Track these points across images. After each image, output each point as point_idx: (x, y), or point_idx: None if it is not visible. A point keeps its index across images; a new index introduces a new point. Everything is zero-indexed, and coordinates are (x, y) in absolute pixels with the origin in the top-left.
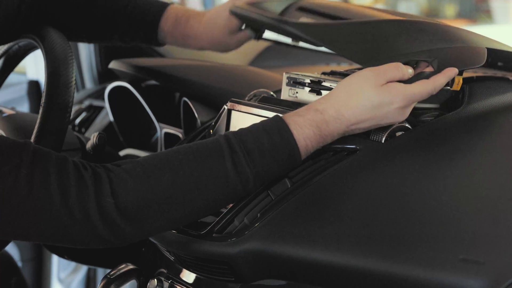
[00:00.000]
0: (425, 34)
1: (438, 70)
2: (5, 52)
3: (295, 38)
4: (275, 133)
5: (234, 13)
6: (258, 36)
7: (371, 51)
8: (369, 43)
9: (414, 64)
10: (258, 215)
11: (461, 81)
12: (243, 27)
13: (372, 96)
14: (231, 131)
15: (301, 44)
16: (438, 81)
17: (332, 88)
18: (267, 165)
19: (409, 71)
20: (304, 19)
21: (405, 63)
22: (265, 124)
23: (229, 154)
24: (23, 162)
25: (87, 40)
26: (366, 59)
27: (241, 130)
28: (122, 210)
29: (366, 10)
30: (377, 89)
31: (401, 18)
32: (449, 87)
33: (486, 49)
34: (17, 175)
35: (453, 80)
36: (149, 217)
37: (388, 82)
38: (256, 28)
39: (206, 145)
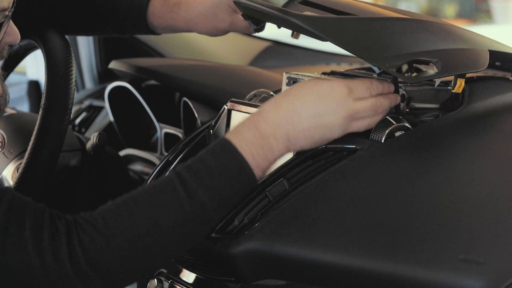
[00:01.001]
0: (429, 34)
1: (441, 72)
2: None
3: (300, 31)
4: (218, 151)
5: (237, 2)
6: (257, 30)
7: (376, 48)
8: (375, 40)
9: (417, 63)
10: (259, 215)
11: (463, 83)
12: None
13: (311, 84)
14: (181, 165)
15: (301, 44)
16: (379, 100)
17: None
18: (219, 184)
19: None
20: (308, 13)
21: (408, 62)
22: (209, 147)
23: (179, 182)
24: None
25: (84, 33)
26: (372, 56)
27: (189, 160)
28: (93, 266)
29: (370, 7)
30: (318, 80)
31: (406, 16)
32: (450, 87)
33: (488, 53)
34: None
35: (455, 82)
36: (120, 268)
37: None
38: (257, 21)
39: (158, 182)
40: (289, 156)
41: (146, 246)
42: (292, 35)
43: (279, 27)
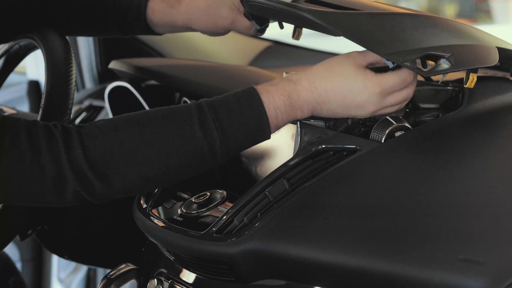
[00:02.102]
0: (440, 29)
1: (455, 66)
2: (6, 52)
3: (311, 27)
4: (244, 99)
5: (244, 0)
6: (259, 31)
7: (390, 43)
8: (388, 35)
9: (429, 59)
10: (258, 215)
11: (475, 78)
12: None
13: (348, 75)
14: (204, 99)
15: (301, 44)
16: (412, 90)
17: None
18: (235, 130)
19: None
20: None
21: (421, 57)
22: (237, 92)
23: (197, 114)
24: None
25: (85, 32)
26: (386, 51)
27: (215, 97)
28: (92, 163)
29: (375, 4)
30: (355, 69)
31: (415, 12)
32: (449, 87)
33: (497, 50)
34: None
35: (467, 77)
36: (116, 172)
37: (367, 68)
38: (261, 22)
39: (177, 107)
40: (289, 156)
41: (144, 156)
42: (293, 36)
43: (282, 27)
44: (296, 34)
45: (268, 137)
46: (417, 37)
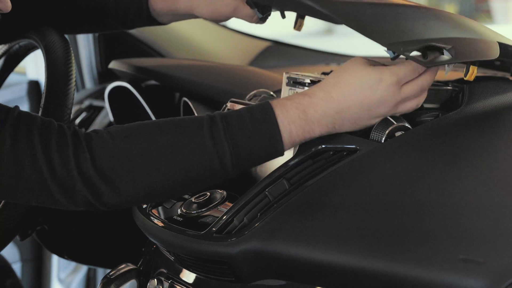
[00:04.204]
0: (441, 22)
1: (455, 58)
2: (6, 52)
3: (313, 15)
4: (258, 112)
5: None
6: (261, 20)
7: (391, 33)
8: (390, 25)
9: (430, 50)
10: (258, 215)
11: (475, 71)
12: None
13: (360, 74)
14: (217, 112)
15: (301, 44)
16: (425, 78)
17: None
18: (246, 143)
19: None
20: None
21: (421, 49)
22: (252, 106)
23: (208, 125)
24: (8, 119)
25: (87, 28)
26: (387, 41)
27: (228, 110)
28: (99, 169)
29: None
30: (366, 67)
31: (416, 4)
32: (449, 87)
33: (498, 44)
34: (1, 130)
35: (468, 70)
36: (124, 179)
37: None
38: (263, 10)
39: (189, 118)
40: (289, 156)
41: (153, 165)
42: (294, 27)
43: (283, 16)
44: (298, 25)
45: (282, 153)
46: (418, 28)
